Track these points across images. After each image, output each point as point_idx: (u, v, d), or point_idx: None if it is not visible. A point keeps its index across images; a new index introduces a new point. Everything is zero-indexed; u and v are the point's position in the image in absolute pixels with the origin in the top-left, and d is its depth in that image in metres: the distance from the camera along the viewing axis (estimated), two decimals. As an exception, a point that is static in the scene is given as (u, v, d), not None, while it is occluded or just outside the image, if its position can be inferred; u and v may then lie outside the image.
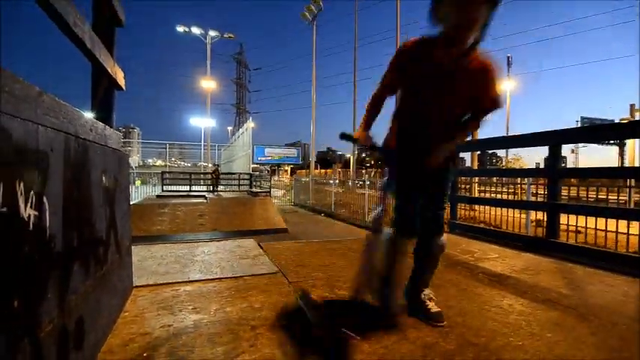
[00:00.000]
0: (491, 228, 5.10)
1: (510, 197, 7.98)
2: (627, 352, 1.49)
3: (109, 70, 1.78)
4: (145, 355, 1.36)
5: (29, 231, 0.86)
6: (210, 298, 1.97)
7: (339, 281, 2.31)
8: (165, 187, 15.53)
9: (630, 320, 1.79)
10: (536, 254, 3.20)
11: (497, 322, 1.73)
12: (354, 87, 26.30)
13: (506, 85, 29.60)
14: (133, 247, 3.00)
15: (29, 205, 0.86)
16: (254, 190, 15.87)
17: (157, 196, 13.39)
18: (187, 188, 16.03)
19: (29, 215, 0.86)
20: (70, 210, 1.11)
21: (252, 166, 21.54)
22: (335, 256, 3.01)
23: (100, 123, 1.55)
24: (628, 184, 4.46)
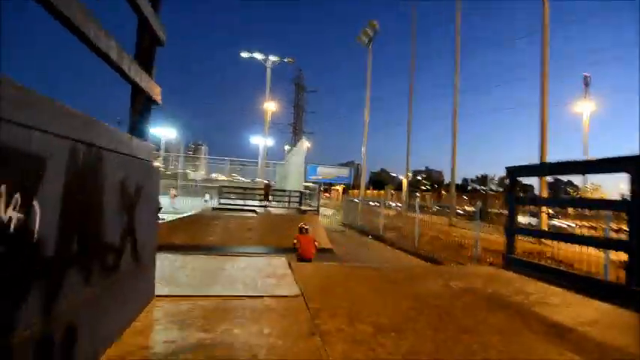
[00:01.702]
0: (558, 266, 4.42)
1: (591, 232, 6.93)
2: None
3: (145, 88, 1.87)
4: (137, 371, 1.30)
5: (10, 234, 0.86)
6: (222, 317, 1.89)
7: (362, 313, 2.09)
8: (222, 200, 16.39)
9: None
10: (612, 304, 2.63)
11: (547, 389, 1.38)
12: (410, 108, 25.75)
13: (583, 107, 26.68)
14: (170, 255, 3.09)
15: (12, 207, 0.85)
16: (303, 207, 16.01)
17: (213, 209, 14.18)
18: (242, 202, 16.73)
19: (10, 218, 0.85)
20: (70, 216, 1.11)
21: (304, 184, 21.90)
22: (366, 285, 2.78)
23: (125, 134, 1.61)
24: None
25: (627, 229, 2.89)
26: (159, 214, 2.27)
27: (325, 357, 1.51)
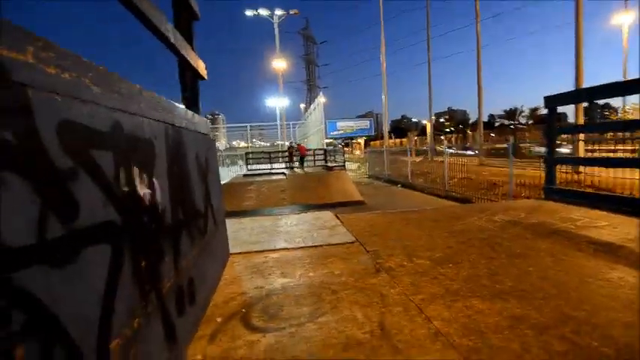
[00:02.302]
0: (600, 193, 4.39)
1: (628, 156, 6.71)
2: None
3: (192, 63, 1.96)
4: (243, 310, 1.56)
5: (146, 207, 1.05)
6: (294, 264, 2.14)
7: (417, 250, 2.28)
8: (249, 167, 16.84)
9: None
10: (661, 221, 2.67)
11: (602, 296, 1.53)
12: (428, 46, 24.27)
13: (622, 19, 24.00)
14: (226, 220, 3.38)
15: (144, 185, 1.03)
16: (329, 164, 16.19)
17: (244, 176, 14.66)
18: (269, 166, 17.12)
19: (144, 194, 1.03)
20: (175, 188, 1.30)
21: (325, 141, 21.87)
22: (411, 226, 2.95)
23: (190, 111, 1.75)
24: None
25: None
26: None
27: (396, 287, 1.72)
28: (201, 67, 2.13)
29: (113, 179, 0.86)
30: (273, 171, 15.29)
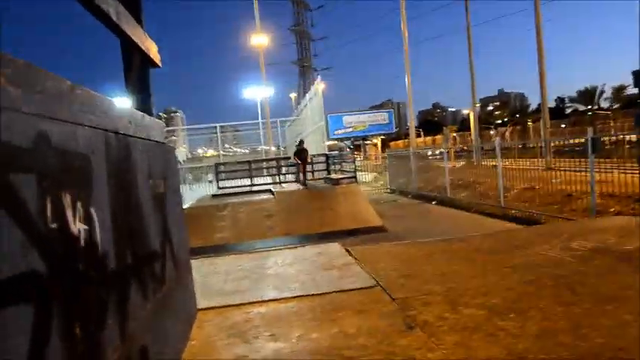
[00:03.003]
0: None
1: None
2: None
3: (141, 45, 2.01)
4: (219, 392, 1.55)
5: (81, 248, 1.06)
6: (290, 322, 2.14)
7: (465, 296, 2.28)
8: (221, 184, 16.89)
9: None
10: None
11: None
12: (467, 5, 24.69)
13: None
14: (194, 261, 3.39)
15: (78, 219, 1.05)
16: (333, 176, 16.24)
17: (213, 196, 14.70)
18: (248, 182, 17.17)
19: (79, 230, 1.05)
20: (119, 221, 1.32)
21: (327, 143, 22.06)
22: (457, 261, 2.96)
23: (138, 112, 1.78)
24: None
25: None
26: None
27: (437, 350, 1.71)
28: (152, 50, 2.18)
29: (36, 213, 0.88)
30: (254, 188, 15.33)
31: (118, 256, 1.29)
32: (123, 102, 1.88)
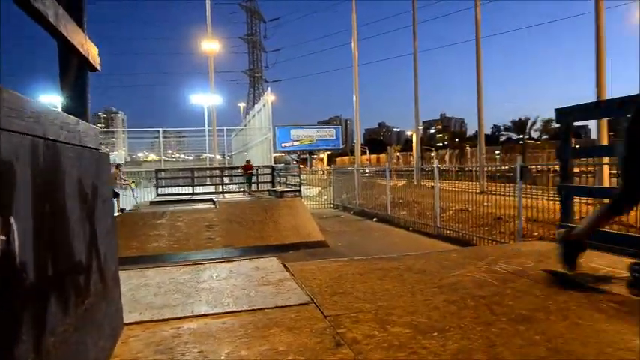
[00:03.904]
0: (628, 232, 4.86)
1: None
2: None
3: (80, 48, 1.95)
4: (140, 411, 1.51)
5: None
6: (220, 339, 2.11)
7: (393, 314, 2.36)
8: (160, 190, 16.38)
9: None
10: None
11: (623, 372, 1.69)
12: (414, 32, 25.81)
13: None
14: (122, 272, 3.26)
15: (-5, 228, 1.01)
16: (278, 189, 16.23)
17: (151, 203, 14.22)
18: (190, 190, 16.77)
19: (-4, 241, 1.00)
20: (43, 232, 1.27)
21: (274, 155, 22.04)
22: (389, 280, 3.06)
23: (72, 117, 1.72)
24: None
25: None
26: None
27: (362, 368, 1.76)
28: (92, 53, 2.12)
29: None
30: (196, 197, 14.99)
31: (38, 268, 1.24)
32: (56, 106, 1.81)
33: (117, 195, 13.40)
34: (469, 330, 2.13)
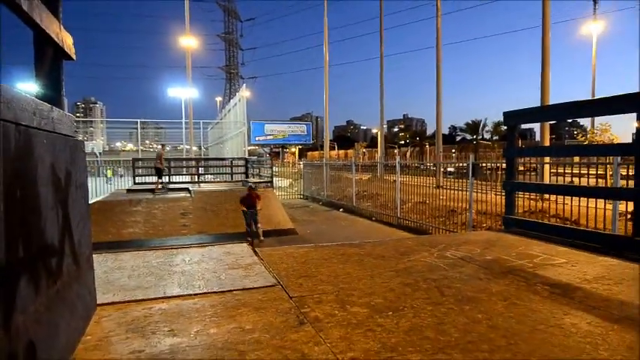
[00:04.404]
0: (564, 224, 5.08)
1: (599, 183, 7.82)
2: None
3: (55, 37, 1.87)
4: (110, 386, 1.48)
5: (-35, 240, 0.97)
6: (190, 318, 2.09)
7: (353, 295, 2.40)
8: (137, 179, 15.93)
9: None
10: (619, 258, 3.19)
11: (553, 346, 1.78)
12: (381, 38, 25.95)
13: (591, 28, 28.45)
14: (97, 255, 3.17)
15: (-37, 209, 0.96)
16: (251, 180, 16.08)
17: (128, 191, 13.81)
18: (166, 179, 16.38)
19: (-37, 222, 0.96)
20: (13, 214, 1.21)
21: (248, 148, 21.79)
22: (350, 264, 3.09)
23: (46, 104, 1.65)
24: None
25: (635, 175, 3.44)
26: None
27: (322, 344, 1.78)
28: (67, 42, 2.03)
29: None
30: (172, 186, 14.67)
31: (9, 249, 1.19)
32: (29, 93, 1.73)
33: (161, 172, 14.19)
34: (420, 309, 2.19)
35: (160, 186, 13.46)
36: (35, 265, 1.39)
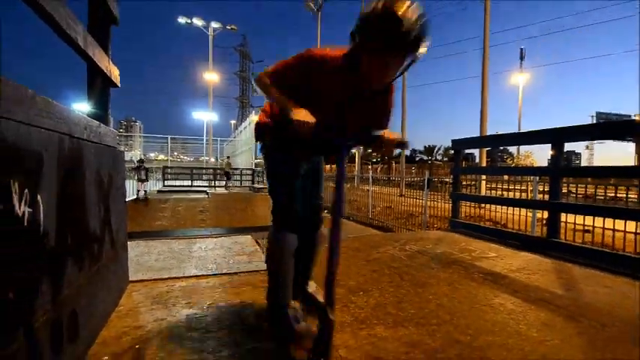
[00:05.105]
0: (494, 227, 5.13)
1: (522, 196, 7.94)
2: (611, 353, 1.54)
3: (104, 69, 1.85)
4: (137, 347, 1.44)
5: (24, 228, 0.94)
6: (203, 294, 2.05)
7: (333, 279, 2.38)
8: (166, 182, 15.71)
9: (622, 322, 1.83)
10: (536, 254, 3.23)
11: (485, 321, 1.79)
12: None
13: (518, 79, 29.28)
14: (131, 242, 3.11)
15: (24, 203, 0.93)
16: (256, 185, 15.98)
17: (158, 192, 13.59)
18: (189, 183, 16.19)
19: (24, 212, 0.93)
20: (64, 208, 1.18)
21: (255, 161, 21.68)
22: (331, 254, 3.07)
23: (95, 121, 1.63)
24: None
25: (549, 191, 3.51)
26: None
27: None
28: (114, 73, 2.01)
29: (-18, 196, 0.77)
30: (193, 188, 14.49)
31: (59, 235, 1.16)
32: (82, 112, 1.70)
33: (229, 175, 16.07)
34: (384, 291, 2.18)
35: (230, 184, 15.34)
36: (80, 249, 1.35)
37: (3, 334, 0.84)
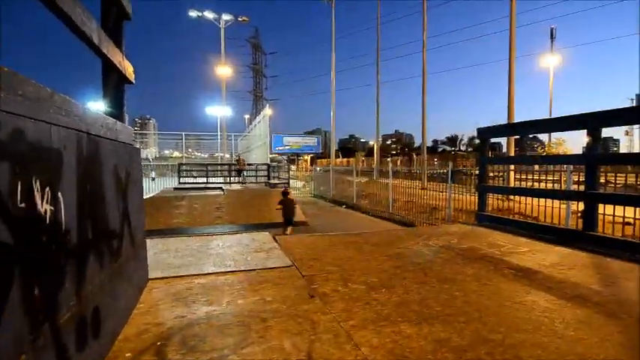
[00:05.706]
0: (525, 220, 4.99)
1: (555, 187, 7.70)
2: (658, 351, 1.47)
3: (118, 65, 1.89)
4: (158, 344, 1.49)
5: (46, 226, 0.98)
6: (222, 291, 2.09)
7: (353, 275, 2.38)
8: (182, 179, 16.05)
9: (667, 319, 1.75)
10: (571, 248, 3.13)
11: (517, 319, 1.75)
12: (378, 68, 25.88)
13: (549, 61, 28.15)
14: (149, 240, 3.20)
15: (45, 201, 0.97)
16: (272, 181, 16.10)
17: (175, 189, 13.90)
18: (204, 180, 16.47)
19: (45, 210, 0.97)
20: (84, 205, 1.23)
21: (270, 156, 21.83)
22: (351, 250, 3.07)
23: (111, 119, 1.67)
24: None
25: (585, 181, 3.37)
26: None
27: (329, 313, 1.77)
28: (129, 70, 2.05)
29: (7, 194, 0.81)
30: (209, 185, 14.74)
31: (80, 232, 1.20)
32: (99, 110, 1.75)
33: (241, 173, 16.91)
34: (408, 287, 2.17)
35: (242, 179, 16.33)
36: (101, 245, 1.40)
37: (27, 332, 0.88)
